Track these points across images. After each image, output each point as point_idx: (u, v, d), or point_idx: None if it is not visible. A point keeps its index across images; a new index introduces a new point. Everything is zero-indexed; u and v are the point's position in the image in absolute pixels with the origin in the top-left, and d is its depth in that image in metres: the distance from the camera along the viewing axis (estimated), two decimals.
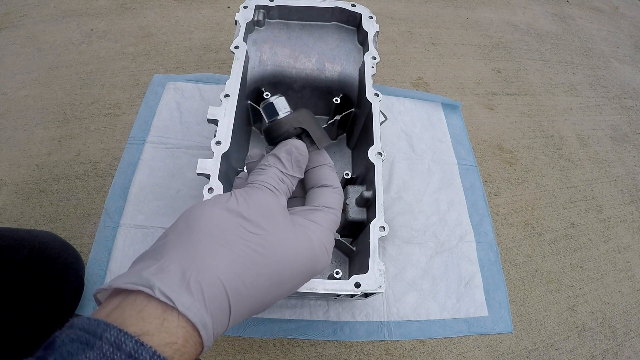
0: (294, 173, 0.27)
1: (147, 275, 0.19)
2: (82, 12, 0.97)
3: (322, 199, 0.28)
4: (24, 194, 0.69)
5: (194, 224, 0.22)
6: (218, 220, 0.22)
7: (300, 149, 0.28)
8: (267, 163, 0.27)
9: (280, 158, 0.27)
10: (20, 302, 0.45)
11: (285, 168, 0.27)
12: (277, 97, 0.30)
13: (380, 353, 0.61)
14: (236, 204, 0.23)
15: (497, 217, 0.77)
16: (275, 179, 0.26)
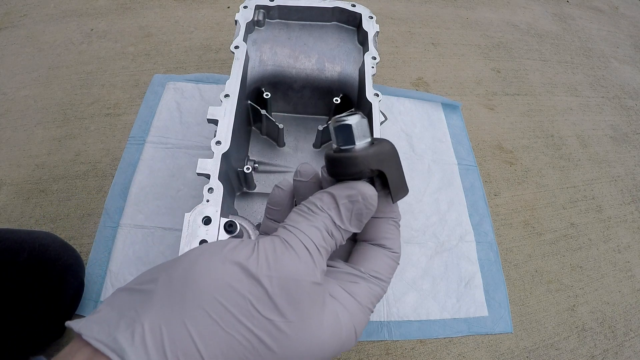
0: (350, 227, 0.20)
1: (122, 341, 0.15)
2: (82, 12, 0.97)
3: (373, 264, 0.21)
4: (24, 194, 0.69)
5: (194, 283, 0.17)
6: (225, 286, 0.17)
7: (369, 200, 0.20)
8: (320, 205, 0.20)
9: (338, 204, 0.20)
10: (21, 302, 0.45)
11: (341, 220, 0.20)
12: (359, 117, 0.21)
13: (380, 353, 0.61)
14: (256, 266, 0.18)
15: (497, 217, 0.77)
16: (323, 234, 0.19)
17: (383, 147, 0.22)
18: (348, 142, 0.21)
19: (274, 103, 0.69)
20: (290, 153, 0.71)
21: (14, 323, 0.45)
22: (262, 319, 0.17)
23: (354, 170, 0.20)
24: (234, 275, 0.17)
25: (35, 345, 0.50)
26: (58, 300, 0.50)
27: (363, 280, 0.21)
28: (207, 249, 0.19)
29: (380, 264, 0.22)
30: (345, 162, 0.21)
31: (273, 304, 0.17)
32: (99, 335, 0.16)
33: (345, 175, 0.21)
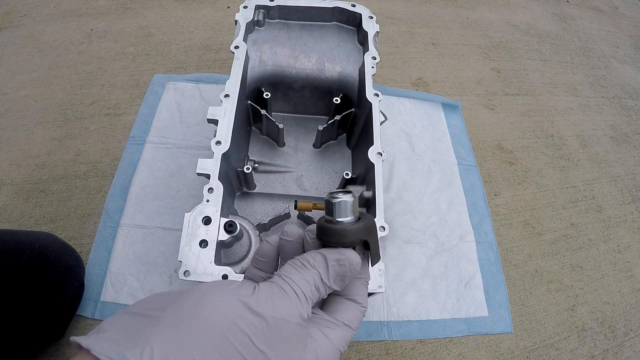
0: (334, 285, 0.24)
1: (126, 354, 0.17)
2: (82, 12, 0.97)
3: (345, 314, 0.25)
4: (24, 194, 0.69)
5: (202, 315, 0.20)
6: (228, 320, 0.20)
7: (354, 266, 0.24)
8: (312, 262, 0.24)
9: (328, 265, 0.24)
10: (21, 303, 0.45)
11: (328, 278, 0.24)
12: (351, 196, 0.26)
13: (380, 353, 0.61)
14: (257, 305, 0.21)
15: (497, 217, 0.77)
16: (311, 287, 0.23)
17: (368, 222, 0.26)
18: (341, 216, 0.25)
19: (274, 103, 0.69)
20: (290, 153, 0.71)
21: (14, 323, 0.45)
22: (257, 351, 0.20)
23: (345, 240, 0.25)
24: (238, 312, 0.20)
25: (36, 345, 0.50)
26: (58, 300, 0.50)
27: (337, 327, 0.25)
28: (215, 287, 0.22)
29: (351, 315, 0.26)
30: (339, 233, 0.25)
31: (267, 338, 0.20)
32: (109, 353, 0.17)
33: (336, 243, 0.25)
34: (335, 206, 0.25)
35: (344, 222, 0.25)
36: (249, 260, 0.50)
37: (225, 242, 0.45)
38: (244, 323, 0.20)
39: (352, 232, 0.25)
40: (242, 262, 0.49)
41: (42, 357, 0.55)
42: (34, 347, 0.50)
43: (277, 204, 0.66)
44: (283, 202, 0.66)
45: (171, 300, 0.21)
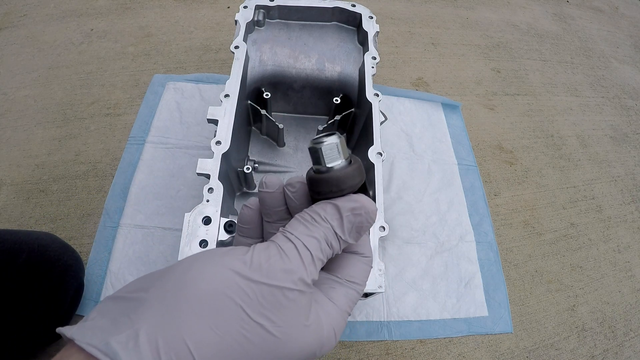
0: (350, 239, 0.21)
1: (115, 345, 0.16)
2: (82, 12, 0.97)
3: (348, 270, 0.23)
4: (24, 194, 0.69)
5: (187, 286, 0.18)
6: (217, 291, 0.18)
7: (371, 214, 0.21)
8: (324, 215, 0.20)
9: (342, 216, 0.20)
10: (21, 303, 0.45)
11: (343, 231, 0.20)
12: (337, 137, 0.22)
13: (380, 353, 0.61)
14: (249, 272, 0.18)
15: (497, 217, 0.77)
16: (322, 244, 0.20)
17: (359, 160, 0.22)
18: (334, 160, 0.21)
19: (274, 103, 0.69)
20: (290, 153, 0.71)
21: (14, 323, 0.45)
22: (253, 323, 0.18)
23: (345, 187, 0.21)
24: (226, 281, 0.18)
25: (36, 345, 0.50)
26: (58, 300, 0.50)
27: (340, 286, 0.22)
28: (201, 256, 0.19)
29: (355, 270, 0.23)
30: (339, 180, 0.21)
31: (263, 309, 0.18)
32: (92, 340, 0.16)
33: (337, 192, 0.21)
34: (323, 152, 0.21)
35: (337, 166, 0.21)
36: None
37: (225, 242, 0.45)
38: (235, 294, 0.18)
39: (352, 175, 0.21)
40: None
41: (42, 357, 0.55)
42: (34, 347, 0.50)
43: None
44: None
45: (155, 278, 0.19)
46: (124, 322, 0.17)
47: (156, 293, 0.18)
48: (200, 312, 0.17)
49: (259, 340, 0.18)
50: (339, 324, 0.22)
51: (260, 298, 0.18)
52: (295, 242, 0.20)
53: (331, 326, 0.21)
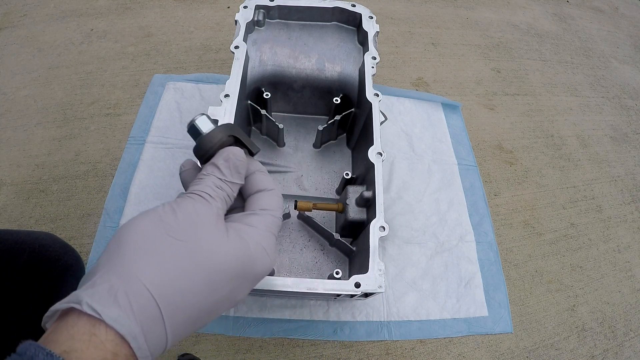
0: (233, 179, 0.27)
1: (78, 292, 0.19)
2: (82, 12, 0.97)
3: (258, 203, 0.27)
4: (24, 194, 0.69)
5: (123, 237, 0.22)
6: (145, 230, 0.22)
7: (237, 155, 0.27)
8: (205, 172, 0.26)
9: (218, 166, 0.26)
10: (21, 303, 0.45)
11: (224, 175, 0.26)
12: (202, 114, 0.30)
13: (380, 353, 0.61)
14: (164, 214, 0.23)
15: (497, 217, 0.77)
16: (212, 187, 0.25)
17: (226, 124, 0.29)
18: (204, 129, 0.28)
19: (274, 103, 0.69)
20: (290, 153, 0.71)
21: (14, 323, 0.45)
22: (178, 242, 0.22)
23: (215, 142, 0.27)
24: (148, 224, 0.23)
25: None
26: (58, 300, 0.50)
27: (254, 215, 0.27)
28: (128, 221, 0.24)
29: (264, 201, 0.28)
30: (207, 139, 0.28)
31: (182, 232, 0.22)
32: (63, 300, 0.19)
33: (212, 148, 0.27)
34: (196, 125, 0.28)
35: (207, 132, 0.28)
36: None
37: None
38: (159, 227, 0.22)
39: (216, 132, 0.28)
40: None
41: None
42: None
43: None
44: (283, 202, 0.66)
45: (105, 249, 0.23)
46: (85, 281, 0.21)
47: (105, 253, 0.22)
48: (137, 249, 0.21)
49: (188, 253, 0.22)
50: (266, 241, 0.25)
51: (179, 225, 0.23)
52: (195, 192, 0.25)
53: (256, 242, 0.25)
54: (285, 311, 0.61)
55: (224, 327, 0.59)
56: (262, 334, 0.59)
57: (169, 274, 0.21)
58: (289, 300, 0.62)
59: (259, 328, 0.59)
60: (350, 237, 0.61)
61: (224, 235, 0.24)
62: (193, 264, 0.22)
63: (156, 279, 0.20)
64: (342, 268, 0.60)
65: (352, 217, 0.54)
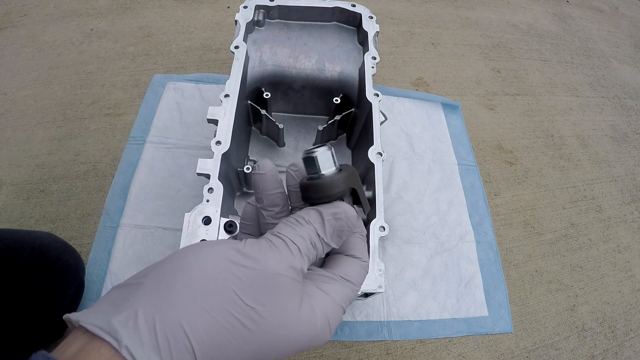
0: (331, 242, 0.23)
1: (116, 324, 0.17)
2: (82, 12, 0.97)
3: (343, 269, 0.24)
4: (24, 194, 0.69)
5: (183, 272, 0.19)
6: (212, 273, 0.19)
7: (350, 219, 0.23)
8: (307, 218, 0.22)
9: (324, 219, 0.22)
10: (21, 302, 0.45)
11: (325, 233, 0.22)
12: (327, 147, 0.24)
13: (380, 353, 0.61)
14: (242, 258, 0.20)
15: (497, 217, 0.77)
16: (306, 243, 0.21)
17: (350, 170, 0.25)
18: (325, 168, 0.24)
19: (274, 103, 0.69)
20: (290, 153, 0.71)
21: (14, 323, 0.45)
22: (245, 306, 0.19)
23: (336, 192, 0.23)
24: (220, 267, 0.19)
25: (35, 344, 0.50)
26: (58, 300, 0.50)
27: (335, 282, 0.23)
28: (197, 246, 0.21)
29: (351, 270, 0.24)
30: (328, 186, 0.23)
31: (255, 293, 0.19)
32: (95, 321, 0.17)
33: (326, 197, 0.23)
34: (316, 160, 0.23)
35: (328, 174, 0.24)
36: None
37: None
38: (228, 277, 0.19)
39: (340, 181, 0.23)
40: None
41: None
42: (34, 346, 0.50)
43: None
44: None
45: (154, 266, 0.20)
46: (123, 304, 0.18)
47: (154, 278, 0.19)
48: (194, 295, 0.18)
49: (250, 323, 0.19)
50: (333, 315, 0.22)
51: (252, 282, 0.19)
52: (283, 238, 0.21)
53: (325, 316, 0.21)
54: None
55: None
56: None
57: (220, 338, 0.18)
58: None
59: None
60: None
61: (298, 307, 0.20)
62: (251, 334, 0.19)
63: (206, 339, 0.18)
64: None
65: None
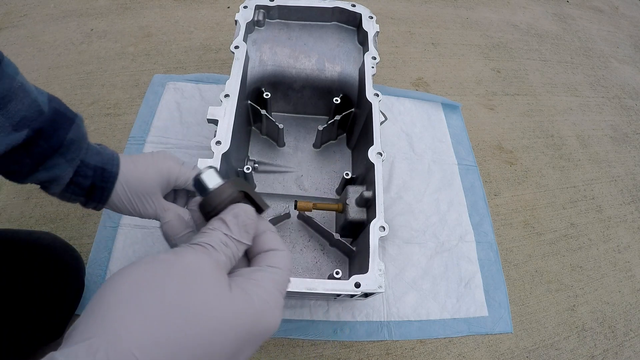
0: (241, 238, 0.25)
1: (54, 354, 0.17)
2: (82, 12, 0.97)
3: (266, 260, 0.25)
4: (24, 194, 0.69)
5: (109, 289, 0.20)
6: (135, 282, 0.20)
7: (248, 212, 0.25)
8: (211, 227, 0.24)
9: (226, 221, 0.24)
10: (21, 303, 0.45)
11: (231, 231, 0.24)
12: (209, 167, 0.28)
13: (380, 353, 0.61)
14: (158, 264, 0.21)
15: (497, 217, 0.77)
16: (217, 242, 0.23)
17: (235, 178, 0.28)
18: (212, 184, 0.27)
19: (274, 103, 0.69)
20: (290, 153, 0.71)
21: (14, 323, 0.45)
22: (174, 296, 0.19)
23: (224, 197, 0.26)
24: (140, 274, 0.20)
25: (35, 345, 0.50)
26: (58, 300, 0.50)
27: (262, 271, 0.24)
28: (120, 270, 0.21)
29: (274, 259, 0.26)
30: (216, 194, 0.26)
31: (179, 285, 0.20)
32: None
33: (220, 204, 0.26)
34: (202, 180, 0.27)
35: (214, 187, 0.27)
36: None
37: None
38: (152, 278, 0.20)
39: (226, 187, 0.26)
40: None
41: (42, 356, 0.55)
42: (33, 347, 0.50)
43: (277, 204, 0.66)
44: (283, 202, 0.66)
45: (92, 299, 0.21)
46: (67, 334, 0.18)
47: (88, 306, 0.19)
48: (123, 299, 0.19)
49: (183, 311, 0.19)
50: (271, 298, 0.23)
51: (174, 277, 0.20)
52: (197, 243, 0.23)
53: (261, 297, 0.22)
54: (285, 311, 0.61)
55: None
56: None
57: (160, 335, 0.18)
58: (289, 300, 0.62)
59: None
60: (350, 237, 0.61)
61: (227, 290, 0.21)
62: (189, 323, 0.19)
63: (144, 340, 0.18)
64: (342, 268, 0.60)
65: (352, 217, 0.54)
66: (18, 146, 0.31)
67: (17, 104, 0.30)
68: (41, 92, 0.33)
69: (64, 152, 0.33)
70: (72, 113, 0.34)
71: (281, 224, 0.64)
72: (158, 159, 0.38)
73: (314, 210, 0.58)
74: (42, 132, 0.32)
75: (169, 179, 0.38)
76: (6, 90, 0.29)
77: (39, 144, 0.32)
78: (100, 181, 0.35)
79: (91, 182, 0.35)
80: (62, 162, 0.33)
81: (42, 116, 0.32)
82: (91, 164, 0.35)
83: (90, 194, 0.36)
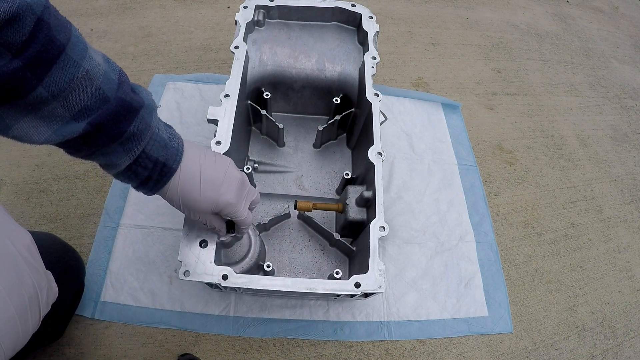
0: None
1: None
2: (82, 12, 0.97)
3: None
4: (24, 194, 0.69)
5: None
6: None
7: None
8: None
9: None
10: None
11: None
12: None
13: (380, 353, 0.61)
14: None
15: (497, 217, 0.77)
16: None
17: None
18: None
19: (274, 103, 0.69)
20: (290, 153, 0.71)
21: None
22: None
23: None
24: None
25: (35, 345, 0.50)
26: (58, 300, 0.50)
27: None
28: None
29: None
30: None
31: None
32: None
33: None
34: None
35: None
36: (249, 260, 0.50)
37: (226, 242, 0.45)
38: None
39: None
40: (242, 262, 0.49)
41: (42, 356, 0.55)
42: (33, 347, 0.50)
43: (277, 204, 0.66)
44: (283, 202, 0.66)
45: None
46: None
47: None
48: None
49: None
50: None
51: None
52: None
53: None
54: (285, 311, 0.61)
55: (224, 327, 0.59)
56: (262, 334, 0.59)
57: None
58: (289, 300, 0.62)
59: (259, 328, 0.59)
60: (350, 237, 0.61)
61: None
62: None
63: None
64: (342, 268, 0.60)
65: (352, 217, 0.54)
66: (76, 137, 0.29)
67: (79, 94, 0.27)
68: (113, 69, 0.30)
69: (123, 142, 0.31)
70: (138, 102, 0.31)
71: (281, 224, 0.64)
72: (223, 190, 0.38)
73: (314, 210, 0.58)
74: (102, 126, 0.29)
75: (221, 212, 0.39)
76: (68, 82, 0.26)
77: (97, 137, 0.30)
78: (158, 175, 0.34)
79: (149, 174, 0.34)
80: (120, 150, 0.31)
81: (105, 105, 0.29)
82: (153, 157, 0.34)
83: (145, 182, 0.35)
